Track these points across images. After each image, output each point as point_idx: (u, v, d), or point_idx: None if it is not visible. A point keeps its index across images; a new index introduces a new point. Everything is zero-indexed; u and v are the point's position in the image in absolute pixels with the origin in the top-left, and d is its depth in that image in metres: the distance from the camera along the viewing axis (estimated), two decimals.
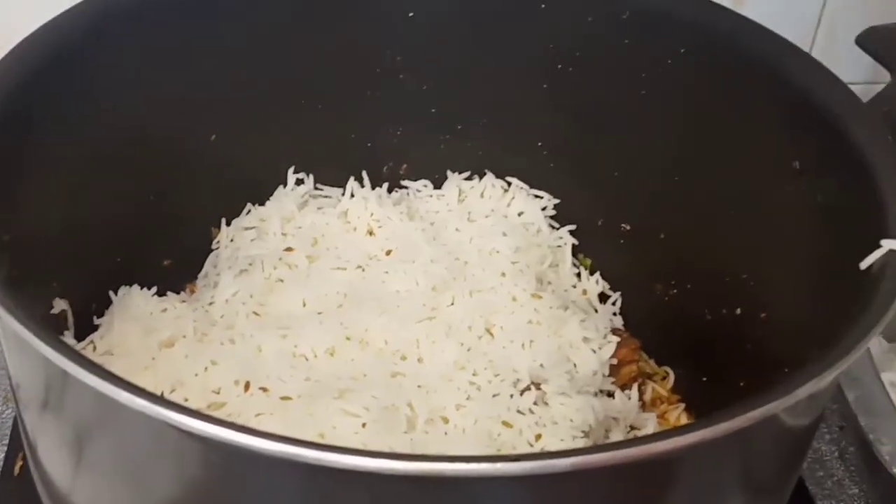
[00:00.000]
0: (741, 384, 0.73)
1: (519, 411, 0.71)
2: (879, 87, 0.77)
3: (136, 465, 0.55)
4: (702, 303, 0.80)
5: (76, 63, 0.72)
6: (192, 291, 0.84)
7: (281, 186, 0.88)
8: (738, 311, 0.77)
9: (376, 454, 0.45)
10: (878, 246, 0.59)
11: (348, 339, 0.75)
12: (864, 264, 0.60)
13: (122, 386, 0.48)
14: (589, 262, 0.89)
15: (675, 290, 0.84)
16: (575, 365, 0.77)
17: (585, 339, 0.79)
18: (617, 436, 0.75)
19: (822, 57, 0.73)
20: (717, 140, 0.77)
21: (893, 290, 0.57)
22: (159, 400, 0.47)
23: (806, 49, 0.86)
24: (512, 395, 0.72)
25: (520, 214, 0.89)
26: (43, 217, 0.69)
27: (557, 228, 0.89)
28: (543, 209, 0.89)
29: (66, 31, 0.71)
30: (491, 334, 0.77)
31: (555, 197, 0.89)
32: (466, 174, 0.91)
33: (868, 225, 0.61)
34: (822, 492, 0.82)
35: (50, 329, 0.53)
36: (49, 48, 0.70)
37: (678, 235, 0.82)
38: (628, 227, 0.87)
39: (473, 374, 0.73)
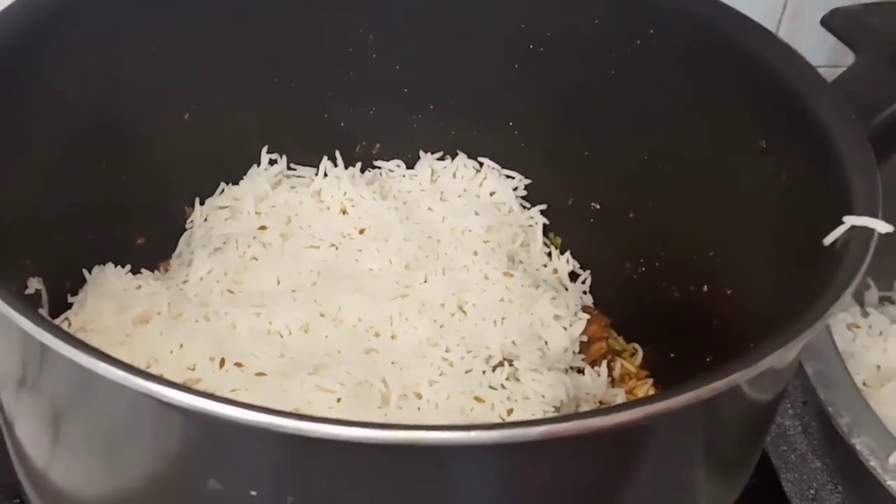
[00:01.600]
0: (708, 360, 0.75)
1: (491, 387, 0.72)
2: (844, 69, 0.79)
3: (113, 440, 0.56)
4: (670, 280, 0.82)
5: (44, 43, 0.71)
6: (166, 270, 0.84)
7: (255, 165, 0.88)
8: (706, 288, 0.78)
9: (353, 423, 0.46)
10: (842, 223, 0.61)
11: (322, 316, 0.76)
12: (827, 240, 0.61)
13: (102, 358, 0.49)
14: (559, 240, 0.90)
15: (643, 269, 0.85)
16: (546, 342, 0.79)
17: (556, 317, 0.80)
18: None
19: (788, 38, 0.74)
20: (685, 119, 0.78)
21: (855, 265, 0.58)
22: (139, 372, 0.48)
23: (773, 30, 0.88)
24: (484, 371, 0.73)
25: (492, 194, 0.90)
26: (15, 197, 0.69)
27: (528, 208, 0.90)
28: (515, 189, 0.90)
29: (31, 10, 0.71)
30: (463, 312, 0.78)
31: (526, 177, 0.90)
32: (439, 154, 0.91)
33: (832, 202, 0.62)
34: (785, 465, 0.83)
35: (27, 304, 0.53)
36: (14, 28, 0.70)
37: (647, 214, 0.83)
38: (598, 207, 0.88)
39: (446, 351, 0.74)
